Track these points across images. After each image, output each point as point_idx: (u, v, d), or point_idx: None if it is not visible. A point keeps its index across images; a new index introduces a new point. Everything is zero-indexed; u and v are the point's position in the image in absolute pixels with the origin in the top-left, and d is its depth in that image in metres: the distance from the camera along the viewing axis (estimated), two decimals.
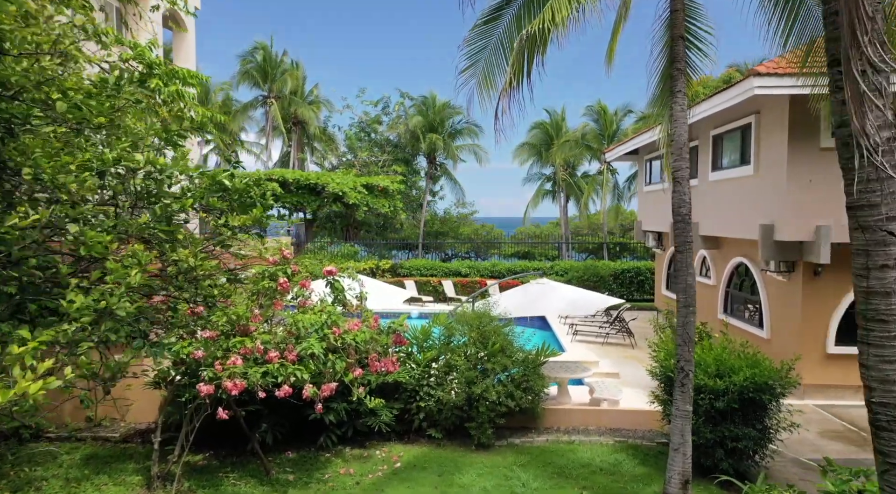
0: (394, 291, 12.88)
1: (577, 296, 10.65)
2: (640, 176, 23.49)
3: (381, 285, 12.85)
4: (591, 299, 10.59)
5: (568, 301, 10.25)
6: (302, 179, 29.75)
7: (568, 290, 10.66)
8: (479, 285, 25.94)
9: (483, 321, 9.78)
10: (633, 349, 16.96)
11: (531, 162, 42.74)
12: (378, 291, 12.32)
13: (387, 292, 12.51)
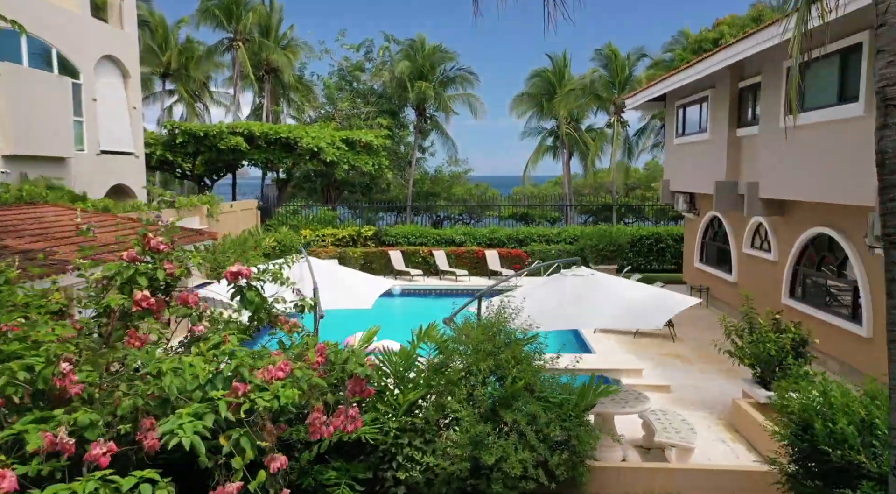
0: (366, 284, 9.23)
1: (641, 297, 6.97)
2: (669, 127, 19.72)
3: (349, 277, 9.20)
4: (663, 302, 6.89)
5: (626, 306, 6.62)
6: (271, 132, 25.80)
7: (623, 287, 7.07)
8: (476, 255, 22.37)
9: (497, 341, 6.20)
10: (674, 343, 13.49)
11: (530, 115, 38.66)
12: (342, 284, 8.70)
13: (355, 287, 8.88)
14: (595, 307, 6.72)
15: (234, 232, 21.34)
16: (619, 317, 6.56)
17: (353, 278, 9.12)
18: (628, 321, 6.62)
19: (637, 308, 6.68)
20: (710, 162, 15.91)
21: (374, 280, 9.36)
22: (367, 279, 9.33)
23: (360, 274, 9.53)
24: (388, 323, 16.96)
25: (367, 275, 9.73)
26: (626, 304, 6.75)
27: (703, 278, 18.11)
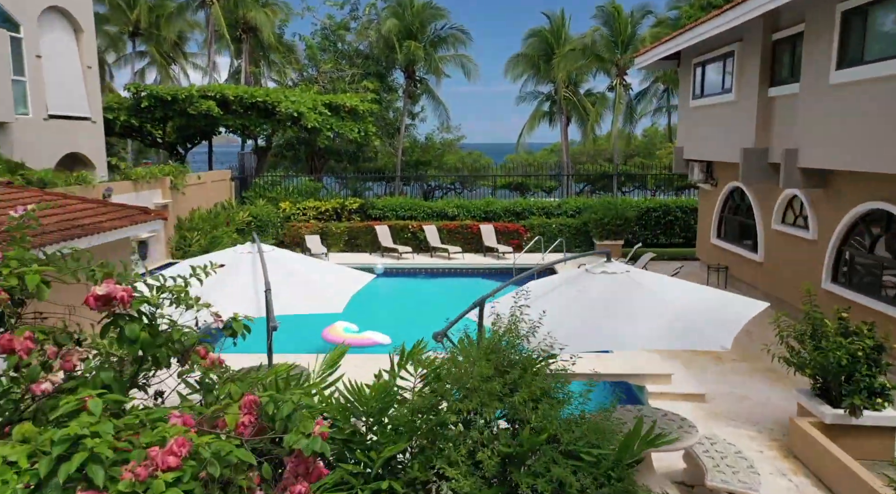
0: (337, 280, 7.38)
1: (694, 304, 5.17)
2: (683, 89, 17.81)
3: (314, 272, 7.35)
4: (724, 310, 5.12)
5: (676, 318, 4.83)
6: (247, 96, 23.65)
7: (669, 290, 5.29)
8: (470, 229, 20.58)
9: (509, 376, 4.45)
10: None
11: (526, 78, 36.49)
12: (304, 281, 6.88)
13: (322, 285, 7.05)
14: (635, 320, 4.97)
15: (205, 206, 19.46)
16: (669, 334, 4.80)
17: (319, 272, 7.29)
18: (683, 338, 4.85)
19: (692, 321, 4.92)
20: (735, 127, 14.09)
21: (348, 275, 7.54)
22: (338, 274, 7.50)
23: (330, 267, 7.70)
24: (375, 309, 15.21)
25: (339, 267, 7.90)
26: (675, 314, 5.00)
27: (720, 255, 16.42)
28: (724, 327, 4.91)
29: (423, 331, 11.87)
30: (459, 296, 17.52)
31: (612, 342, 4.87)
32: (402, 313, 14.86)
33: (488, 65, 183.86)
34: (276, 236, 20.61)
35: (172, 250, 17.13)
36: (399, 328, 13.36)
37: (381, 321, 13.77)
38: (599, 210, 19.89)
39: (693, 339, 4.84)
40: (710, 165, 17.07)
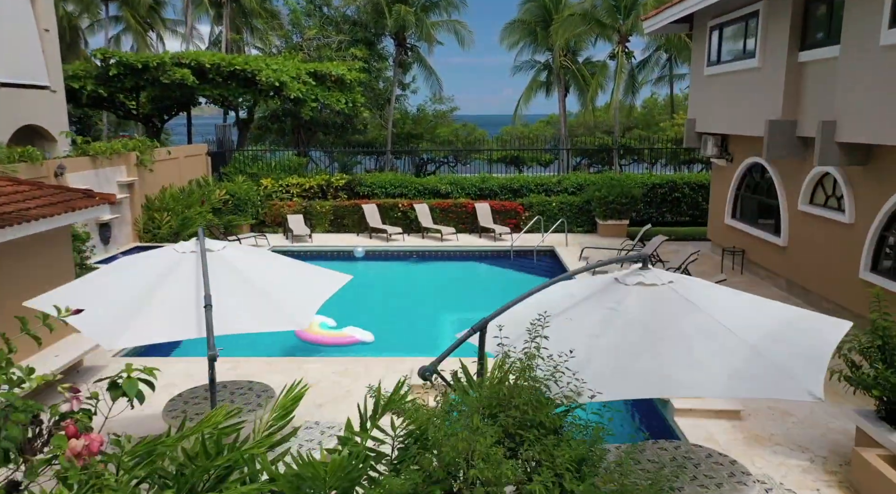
0: (304, 285, 5.95)
1: (768, 330, 3.97)
2: (697, 55, 16.34)
3: (274, 273, 5.91)
4: (808, 340, 3.92)
5: (750, 353, 3.63)
6: (224, 64, 21.97)
7: (730, 308, 4.05)
8: (464, 208, 19.20)
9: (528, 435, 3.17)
10: None
11: (523, 45, 34.75)
12: (260, 289, 5.48)
13: (283, 293, 5.63)
14: (691, 355, 3.68)
15: (179, 183, 18.00)
16: (740, 378, 3.51)
17: (281, 276, 5.91)
18: (759, 384, 3.55)
19: (768, 357, 3.64)
20: (758, 96, 12.70)
21: (317, 280, 6.14)
22: (305, 278, 6.10)
23: (296, 268, 6.26)
24: (358, 298, 13.86)
25: (308, 269, 6.44)
26: (744, 346, 3.71)
27: (735, 237, 15.15)
28: (813, 366, 3.62)
29: (412, 325, 10.53)
30: (453, 282, 16.30)
31: (662, 388, 3.58)
32: (390, 302, 13.58)
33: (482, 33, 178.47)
34: (256, 216, 19.19)
35: (140, 232, 15.72)
36: (385, 321, 12.07)
37: (365, 313, 12.48)
38: (603, 187, 18.52)
39: (773, 385, 3.55)
40: (725, 138, 15.71)
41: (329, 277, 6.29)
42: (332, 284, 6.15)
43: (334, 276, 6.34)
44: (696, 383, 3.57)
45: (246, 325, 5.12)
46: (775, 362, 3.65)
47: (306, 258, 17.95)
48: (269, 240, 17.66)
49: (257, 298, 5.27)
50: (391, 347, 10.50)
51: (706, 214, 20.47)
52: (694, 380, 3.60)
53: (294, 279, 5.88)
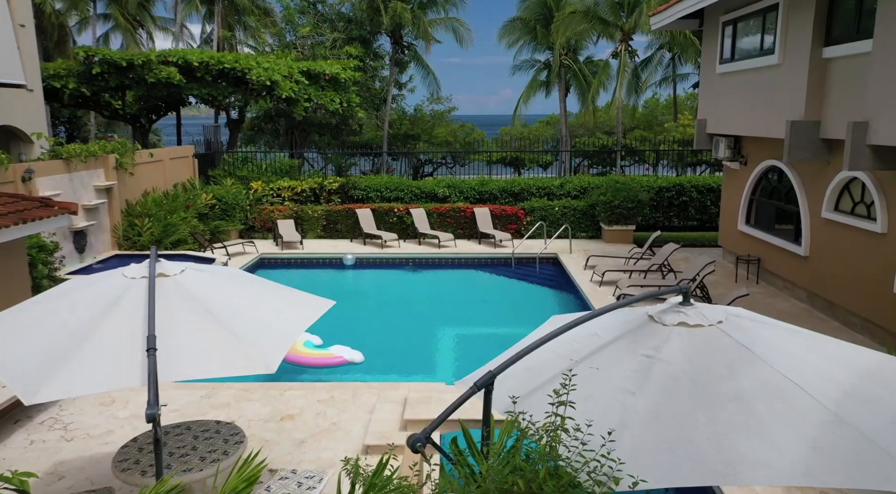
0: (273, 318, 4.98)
1: (862, 393, 3.27)
2: (707, 52, 15.51)
3: (242, 300, 4.99)
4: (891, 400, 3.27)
5: (826, 411, 2.91)
6: (213, 62, 21.09)
7: (808, 359, 3.30)
8: (463, 213, 18.35)
9: None
10: None
11: (522, 44, 33.92)
12: (221, 322, 4.59)
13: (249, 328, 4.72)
14: (756, 425, 2.85)
15: (163, 186, 17.12)
16: (823, 460, 2.71)
17: (250, 306, 5.01)
18: (849, 469, 2.72)
19: (857, 427, 2.81)
20: (777, 95, 11.87)
21: (294, 309, 5.23)
22: (280, 307, 5.18)
23: (270, 294, 5.28)
24: (348, 310, 12.96)
25: (285, 294, 5.49)
26: (828, 415, 2.87)
27: (750, 245, 14.31)
28: None
29: (406, 342, 9.65)
30: (451, 292, 15.31)
31: (725, 472, 2.74)
32: (382, 316, 12.70)
33: (480, 32, 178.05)
34: (245, 221, 18.32)
35: (119, 240, 14.84)
36: (376, 337, 11.20)
37: (355, 329, 11.62)
38: (608, 191, 17.67)
39: (869, 469, 2.70)
40: (739, 140, 14.89)
41: (308, 304, 5.42)
42: (310, 313, 5.28)
43: (314, 302, 5.47)
44: (767, 463, 2.73)
45: (201, 369, 4.25)
46: (866, 433, 2.81)
47: (297, 266, 17.22)
48: (257, 247, 16.80)
49: (218, 334, 4.39)
50: (383, 368, 9.65)
51: (715, 218, 19.69)
52: (764, 460, 2.76)
53: (266, 309, 5.00)
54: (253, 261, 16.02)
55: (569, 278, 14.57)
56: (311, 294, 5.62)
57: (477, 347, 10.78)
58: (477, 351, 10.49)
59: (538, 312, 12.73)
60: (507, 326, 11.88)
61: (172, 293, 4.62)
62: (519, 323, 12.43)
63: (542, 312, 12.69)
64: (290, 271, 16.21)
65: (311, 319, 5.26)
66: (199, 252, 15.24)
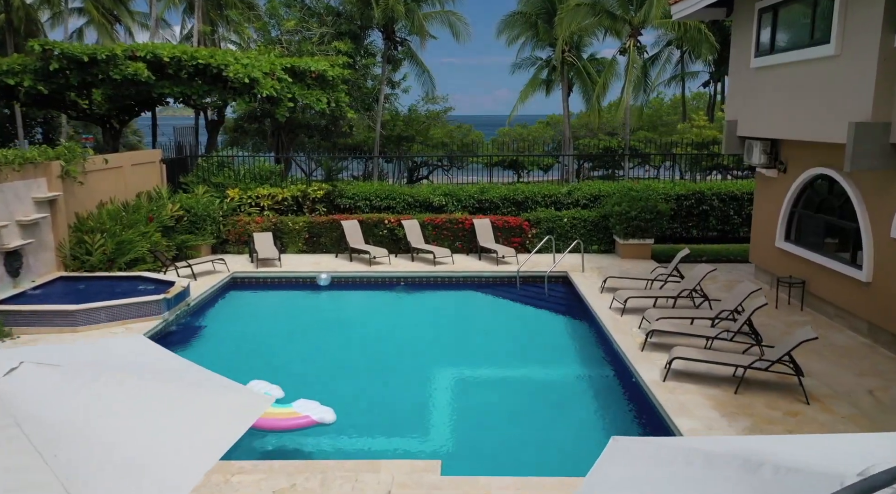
0: (200, 426, 3.15)
1: None
2: (738, 44, 13.66)
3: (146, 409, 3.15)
4: None
5: None
6: (186, 58, 19.10)
7: None
8: (461, 224, 16.46)
9: None
10: (814, 409, 7.83)
11: (523, 41, 32.08)
12: (115, 454, 2.72)
13: (146, 463, 2.90)
14: None
15: (123, 196, 15.20)
16: None
17: (135, 414, 3.12)
18: None
19: None
20: (834, 92, 10.01)
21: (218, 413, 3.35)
22: (201, 408, 3.27)
23: (173, 386, 3.42)
24: (321, 347, 9.84)
25: (201, 382, 3.59)
26: None
27: (790, 264, 12.44)
28: None
29: (391, 390, 7.49)
30: (448, 319, 12.70)
31: None
32: (364, 352, 10.79)
33: (478, 31, 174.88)
34: (217, 235, 16.39)
35: (65, 259, 12.90)
36: (354, 384, 9.29)
37: (329, 371, 9.75)
38: (623, 201, 15.79)
39: None
40: (776, 144, 13.05)
41: (240, 408, 3.50)
42: (242, 419, 3.37)
43: (245, 401, 3.56)
44: None
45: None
46: None
47: (273, 287, 15.25)
48: (228, 265, 14.87)
49: (99, 458, 2.49)
50: (360, 428, 7.75)
51: (738, 229, 17.87)
52: None
53: (151, 433, 3.10)
54: (223, 281, 14.12)
55: (583, 303, 12.69)
56: (240, 386, 3.70)
57: (477, 396, 8.90)
58: (477, 403, 8.62)
59: (550, 348, 10.84)
60: (513, 366, 10.00)
61: (34, 392, 2.72)
62: (527, 362, 10.45)
63: (554, 348, 10.80)
64: (264, 294, 14.31)
65: (239, 429, 3.36)
66: (158, 273, 13.32)
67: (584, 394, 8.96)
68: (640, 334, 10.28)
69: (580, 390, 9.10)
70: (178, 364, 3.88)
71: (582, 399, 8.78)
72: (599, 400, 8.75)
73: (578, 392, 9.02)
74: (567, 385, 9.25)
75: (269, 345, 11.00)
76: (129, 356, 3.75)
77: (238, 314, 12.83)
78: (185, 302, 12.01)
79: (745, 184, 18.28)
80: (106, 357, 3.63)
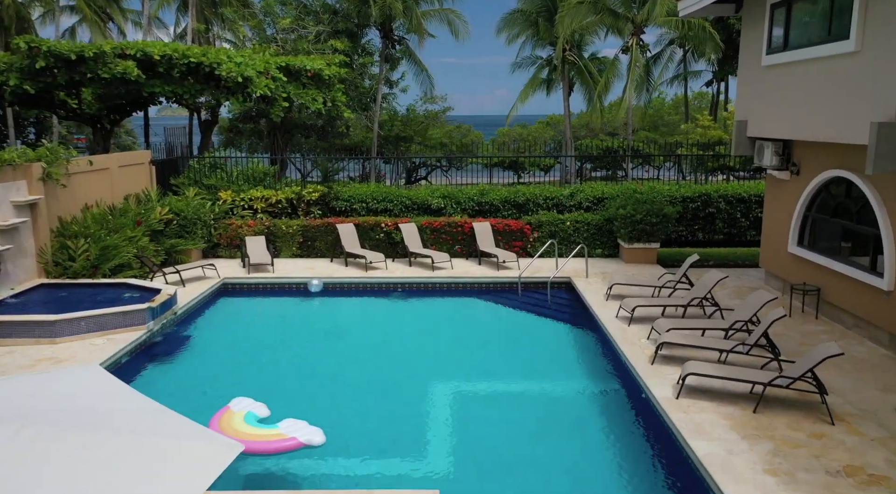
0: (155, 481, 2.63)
1: None
2: (748, 40, 13.16)
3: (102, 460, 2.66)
4: None
5: None
6: (177, 56, 18.55)
7: None
8: (460, 228, 15.94)
9: None
10: (840, 430, 7.30)
11: (523, 40, 31.58)
12: None
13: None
14: None
15: (109, 199, 14.68)
16: None
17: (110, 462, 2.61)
18: None
19: None
20: (854, 91, 9.50)
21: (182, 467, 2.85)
22: (160, 460, 2.78)
23: (127, 432, 2.96)
24: (311, 361, 8.45)
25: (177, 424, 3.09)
26: None
27: (804, 270, 11.93)
28: None
29: (387, 407, 6.68)
30: (447, 327, 12.10)
31: None
32: (357, 364, 10.25)
33: (476, 30, 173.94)
34: (209, 239, 15.85)
35: (47, 265, 12.36)
36: (346, 400, 8.76)
37: (320, 387, 9.22)
38: (628, 204, 15.26)
39: None
40: (789, 144, 12.53)
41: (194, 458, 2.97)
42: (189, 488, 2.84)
43: (206, 453, 3.02)
44: None
45: None
46: None
47: (264, 293, 14.60)
48: (218, 271, 14.34)
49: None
50: (352, 453, 7.21)
51: (745, 232, 17.36)
52: None
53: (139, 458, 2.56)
54: (214, 288, 13.58)
55: (587, 311, 12.16)
56: (202, 430, 3.16)
57: (477, 414, 8.37)
58: (477, 422, 8.09)
59: (554, 360, 10.31)
60: (515, 381, 9.48)
61: None
62: (530, 376, 9.70)
63: (559, 360, 10.27)
64: (256, 300, 13.77)
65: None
66: (145, 280, 12.78)
67: (592, 412, 8.43)
68: (650, 345, 9.75)
69: (587, 407, 8.57)
70: (132, 405, 3.34)
71: (589, 418, 8.24)
72: (608, 419, 8.21)
73: (585, 410, 8.48)
74: (573, 402, 8.72)
75: (258, 357, 10.47)
76: (75, 399, 3.21)
77: (227, 323, 12.28)
78: (171, 311, 11.47)
79: (753, 186, 17.77)
80: (45, 400, 3.10)
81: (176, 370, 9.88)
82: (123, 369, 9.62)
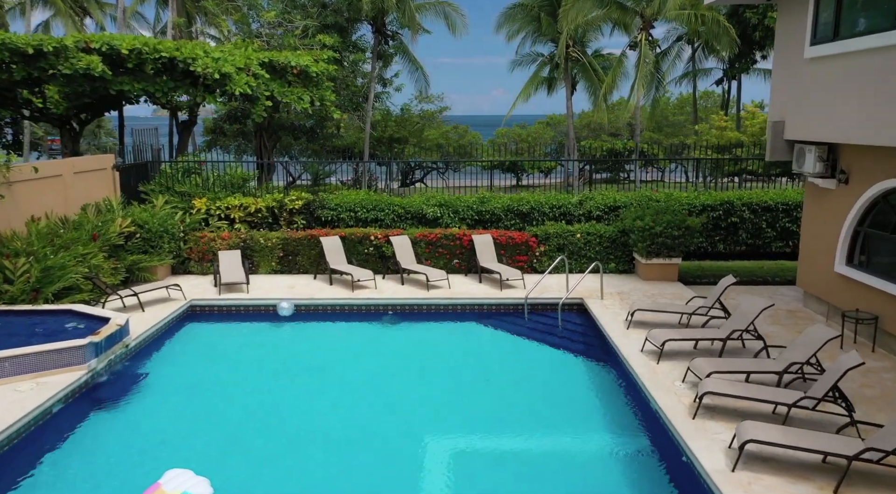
0: None
1: None
2: (785, 32, 11.57)
3: None
4: None
5: None
6: (147, 50, 16.92)
7: None
8: (460, 240, 14.32)
9: None
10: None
11: (524, 36, 30.02)
12: None
13: None
14: None
15: (63, 211, 13.01)
16: None
17: None
18: None
19: None
20: (877, 88, 7.91)
21: None
22: None
23: None
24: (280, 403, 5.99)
25: None
26: None
27: (856, 294, 10.33)
28: None
29: (372, 473, 5.45)
30: (441, 361, 10.34)
31: None
32: (342, 411, 8.61)
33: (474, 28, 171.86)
34: (177, 254, 14.20)
35: None
36: (325, 464, 7.12)
37: (291, 444, 7.58)
38: (646, 214, 13.66)
39: None
40: (835, 149, 10.94)
41: None
42: None
43: None
44: None
45: None
46: None
47: (237, 318, 12.75)
48: (185, 292, 12.68)
49: None
50: None
51: (771, 244, 15.77)
52: None
53: None
54: (179, 311, 11.94)
55: (605, 341, 10.56)
56: None
57: (482, 481, 6.75)
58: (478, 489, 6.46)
59: (571, 406, 8.68)
60: (525, 433, 7.87)
61: None
62: (539, 427, 7.91)
63: (575, 406, 8.64)
64: (226, 326, 12.11)
65: None
66: (97, 304, 11.13)
67: (620, 482, 6.80)
68: (687, 391, 8.14)
69: (610, 472, 6.95)
70: None
71: (614, 489, 6.63)
72: (638, 491, 6.60)
73: (608, 477, 6.86)
74: (593, 465, 7.10)
75: (218, 404, 8.81)
76: None
77: (189, 357, 10.59)
78: (122, 343, 9.83)
79: (779, 193, 16.17)
80: None
81: (119, 418, 8.23)
82: (54, 421, 8.00)
